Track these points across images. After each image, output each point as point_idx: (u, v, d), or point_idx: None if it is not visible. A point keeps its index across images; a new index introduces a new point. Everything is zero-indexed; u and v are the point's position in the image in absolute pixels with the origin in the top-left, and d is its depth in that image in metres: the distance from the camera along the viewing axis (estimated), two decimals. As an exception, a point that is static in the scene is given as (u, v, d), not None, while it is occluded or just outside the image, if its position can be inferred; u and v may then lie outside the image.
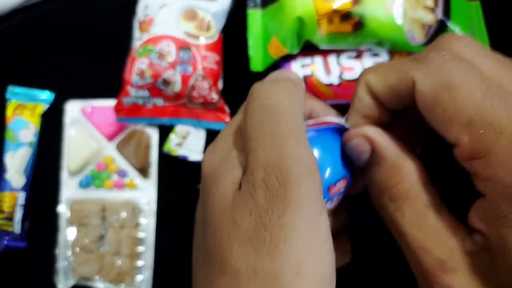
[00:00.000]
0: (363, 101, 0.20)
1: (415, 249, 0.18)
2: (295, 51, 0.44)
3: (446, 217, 0.18)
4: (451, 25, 0.42)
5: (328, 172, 0.20)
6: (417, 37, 0.42)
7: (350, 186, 0.22)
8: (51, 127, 0.50)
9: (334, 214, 0.22)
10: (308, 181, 0.17)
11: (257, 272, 0.16)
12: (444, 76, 0.17)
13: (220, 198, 0.18)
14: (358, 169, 0.22)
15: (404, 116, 0.22)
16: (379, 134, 0.20)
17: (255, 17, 0.46)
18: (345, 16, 0.41)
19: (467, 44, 0.18)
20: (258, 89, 0.19)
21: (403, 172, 0.19)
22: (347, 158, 0.21)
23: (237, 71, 0.47)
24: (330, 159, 0.20)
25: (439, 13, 0.42)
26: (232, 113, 0.47)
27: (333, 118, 0.21)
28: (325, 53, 0.45)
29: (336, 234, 0.23)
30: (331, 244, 0.18)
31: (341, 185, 0.21)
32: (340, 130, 0.21)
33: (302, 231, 0.16)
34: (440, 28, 0.42)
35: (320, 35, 0.43)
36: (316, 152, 0.20)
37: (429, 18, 0.42)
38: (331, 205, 0.22)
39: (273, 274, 0.16)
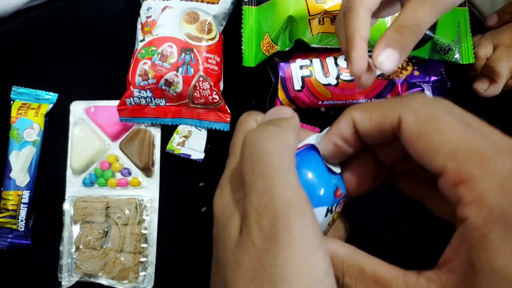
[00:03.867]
0: (342, 131, 0.22)
1: None
2: (286, 49, 0.45)
3: (380, 268, 0.20)
4: (437, 32, 0.44)
5: (325, 183, 0.22)
6: None
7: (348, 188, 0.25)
8: (55, 127, 0.51)
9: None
10: (298, 220, 0.18)
11: None
12: (429, 111, 0.19)
13: (227, 241, 0.20)
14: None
15: (368, 151, 0.24)
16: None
17: (249, 13, 0.47)
18: (336, 18, 0.43)
19: (451, 104, 0.20)
20: (249, 137, 0.20)
21: (336, 265, 0.21)
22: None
23: (237, 72, 0.48)
24: (320, 172, 0.22)
25: None
26: (233, 113, 0.48)
27: (309, 139, 0.23)
28: (323, 54, 0.47)
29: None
30: (332, 279, 0.19)
31: (342, 188, 0.23)
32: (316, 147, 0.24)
33: (298, 270, 0.17)
34: (427, 35, 0.43)
35: (310, 35, 0.44)
36: (306, 173, 0.22)
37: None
38: (339, 208, 0.23)
39: None
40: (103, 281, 0.47)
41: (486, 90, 0.45)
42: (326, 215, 0.22)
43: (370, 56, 0.31)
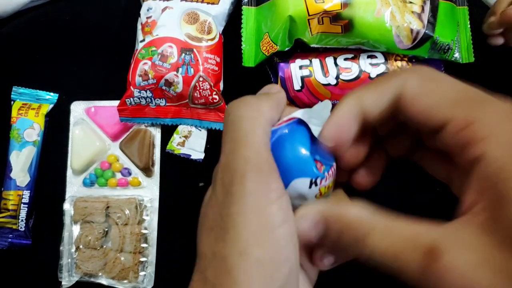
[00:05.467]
0: (346, 119, 0.22)
1: (395, 260, 0.18)
2: (286, 49, 0.46)
3: (407, 223, 0.19)
4: (436, 31, 0.44)
5: (305, 155, 0.23)
6: (405, 41, 0.44)
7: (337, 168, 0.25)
8: (55, 127, 0.51)
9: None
10: (253, 177, 0.20)
11: (214, 255, 0.20)
12: (429, 74, 0.21)
13: (204, 202, 0.23)
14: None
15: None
16: (314, 207, 0.22)
17: (249, 13, 0.47)
18: (335, 17, 0.43)
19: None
20: (228, 107, 0.23)
21: (361, 227, 0.20)
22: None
23: (237, 72, 0.48)
24: (302, 145, 0.23)
25: (425, 19, 0.43)
26: (233, 113, 0.48)
27: (296, 113, 0.25)
28: (323, 54, 0.47)
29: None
30: (286, 231, 0.20)
31: (326, 162, 0.24)
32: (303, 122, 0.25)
33: (247, 219, 0.19)
34: (426, 34, 0.43)
35: (310, 34, 0.44)
36: (288, 144, 0.23)
37: (416, 24, 0.43)
38: (327, 182, 0.24)
39: (223, 256, 0.19)
40: (103, 281, 0.47)
41: None
42: (310, 187, 0.23)
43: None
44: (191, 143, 0.48)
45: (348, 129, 0.22)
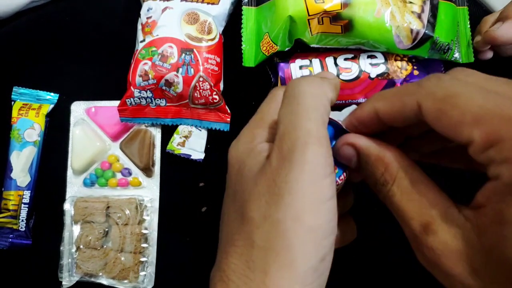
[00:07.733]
0: (365, 116, 0.23)
1: (404, 218, 0.21)
2: (286, 49, 0.46)
3: (430, 191, 0.21)
4: (436, 31, 0.44)
5: None
6: (405, 41, 0.44)
7: (348, 176, 0.26)
8: (56, 127, 0.51)
9: (340, 196, 0.26)
10: (313, 148, 0.20)
11: (265, 219, 0.20)
12: (444, 90, 0.19)
13: (248, 172, 0.23)
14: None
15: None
16: (359, 138, 0.24)
17: (249, 13, 0.47)
18: (335, 17, 0.43)
19: (469, 73, 0.21)
20: (290, 83, 0.23)
21: (386, 161, 0.22)
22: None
23: (237, 72, 0.48)
24: None
25: (425, 19, 0.43)
26: (233, 113, 0.48)
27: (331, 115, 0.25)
28: (323, 54, 0.47)
29: (343, 216, 0.27)
30: (333, 205, 0.21)
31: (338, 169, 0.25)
32: (334, 124, 0.25)
33: (305, 188, 0.20)
34: (426, 34, 0.43)
35: (310, 35, 0.44)
36: None
37: (416, 24, 0.43)
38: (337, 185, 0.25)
39: (277, 220, 0.20)
40: (104, 281, 0.47)
41: (499, 28, 0.44)
42: None
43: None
44: (191, 143, 0.48)
45: (365, 125, 0.23)
